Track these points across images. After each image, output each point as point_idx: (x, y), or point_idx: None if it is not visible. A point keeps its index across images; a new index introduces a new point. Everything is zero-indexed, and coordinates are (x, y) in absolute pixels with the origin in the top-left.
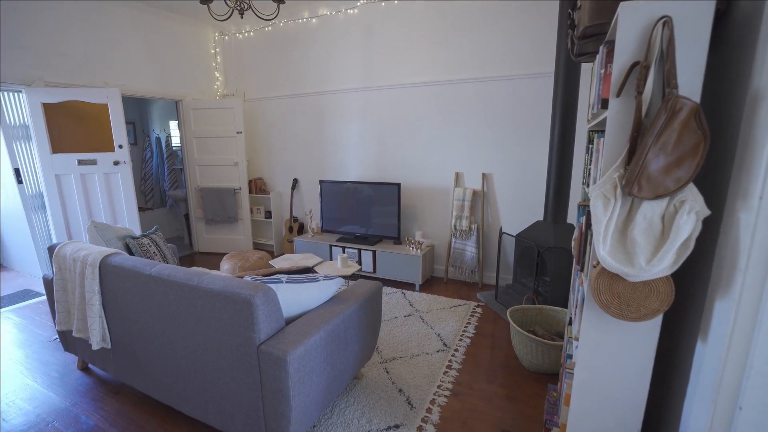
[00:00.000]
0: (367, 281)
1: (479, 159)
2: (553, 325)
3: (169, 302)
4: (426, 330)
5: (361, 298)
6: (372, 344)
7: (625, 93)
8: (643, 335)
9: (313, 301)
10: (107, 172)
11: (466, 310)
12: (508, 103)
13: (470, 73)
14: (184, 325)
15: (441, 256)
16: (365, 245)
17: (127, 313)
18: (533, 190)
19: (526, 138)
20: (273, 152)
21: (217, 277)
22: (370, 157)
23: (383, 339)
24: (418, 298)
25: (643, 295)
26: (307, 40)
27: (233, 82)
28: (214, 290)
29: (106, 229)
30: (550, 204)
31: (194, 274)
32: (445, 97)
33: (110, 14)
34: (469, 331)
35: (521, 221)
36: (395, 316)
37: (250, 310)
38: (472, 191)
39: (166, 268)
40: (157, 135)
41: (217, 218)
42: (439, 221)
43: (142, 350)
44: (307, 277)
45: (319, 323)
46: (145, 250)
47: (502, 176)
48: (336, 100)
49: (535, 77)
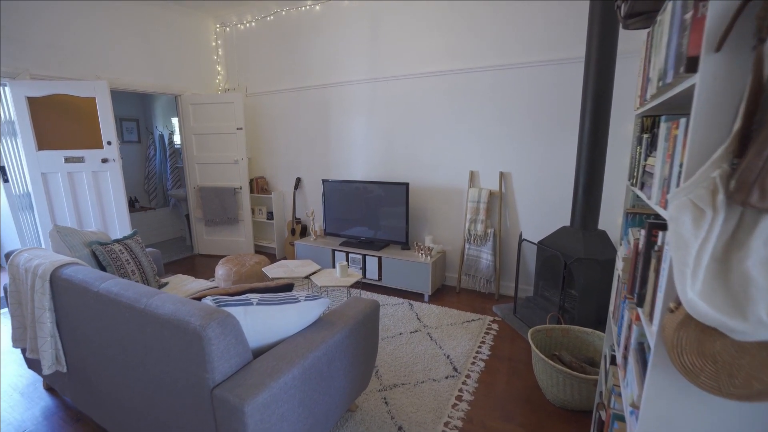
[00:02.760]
0: (361, 299)
1: (497, 156)
2: (583, 348)
3: (117, 325)
4: (434, 350)
5: (352, 322)
6: (367, 373)
7: (732, 44)
8: (751, 421)
9: (291, 326)
10: (96, 170)
11: (480, 327)
12: (530, 93)
13: (487, 61)
14: (135, 354)
15: (453, 263)
16: (370, 250)
17: (80, 333)
18: (558, 190)
19: (550, 132)
20: (275, 150)
21: (167, 300)
22: (377, 154)
23: (385, 360)
24: (426, 310)
25: (759, 364)
26: (311, 29)
27: (235, 76)
28: (161, 316)
29: (71, 233)
30: (578, 207)
31: (143, 294)
32: (459, 88)
33: (103, 3)
34: (484, 352)
35: (544, 226)
36: (400, 332)
37: (201, 345)
38: (488, 192)
39: (116, 284)
40: (160, 132)
41: (216, 219)
42: (452, 225)
43: (96, 377)
44: (285, 297)
45: (293, 358)
46: (115, 257)
47: (523, 175)
48: (341, 93)
49: (560, 63)
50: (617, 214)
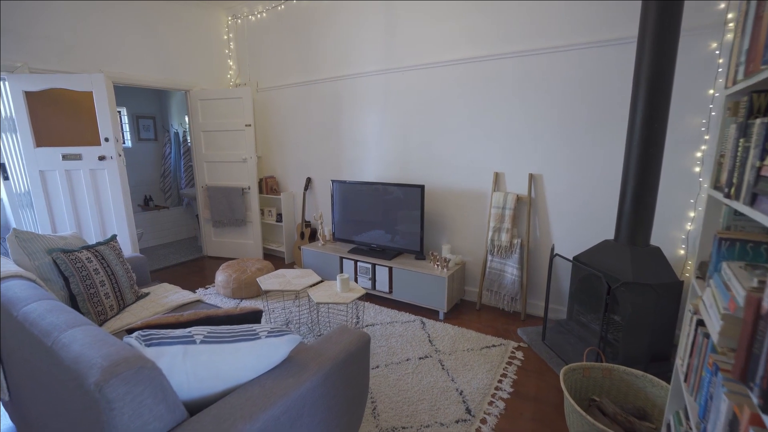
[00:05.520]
0: (347, 331)
1: (526, 156)
2: (630, 395)
3: (33, 359)
4: (445, 382)
5: (329, 366)
6: (353, 425)
7: None
8: None
9: (247, 370)
10: (93, 168)
11: (502, 354)
12: (567, 81)
13: (516, 46)
14: (47, 397)
15: (474, 276)
16: (381, 259)
17: (17, 358)
18: (600, 196)
19: (590, 126)
20: (286, 148)
21: (79, 337)
22: (391, 152)
23: (385, 392)
24: (440, 330)
25: None
26: (323, 17)
27: (246, 71)
28: (63, 361)
29: (31, 239)
30: (625, 217)
31: (56, 327)
32: (484, 78)
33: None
34: (504, 388)
35: (581, 239)
36: (407, 357)
37: (98, 410)
38: (515, 197)
39: (36, 309)
40: (175, 130)
41: (224, 220)
42: (473, 233)
43: (28, 410)
44: (242, 332)
45: (236, 420)
46: (81, 267)
47: (556, 178)
48: (353, 86)
49: (605, 46)
50: (673, 227)
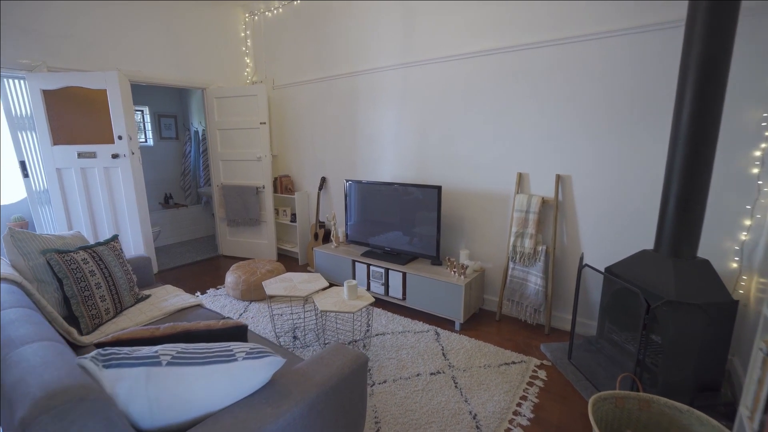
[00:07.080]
0: (343, 350)
1: (553, 155)
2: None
3: None
4: (457, 404)
5: (315, 393)
6: None
7: None
8: None
9: (220, 397)
10: (107, 165)
11: (523, 373)
12: (601, 73)
13: (544, 35)
14: None
15: (494, 284)
16: (395, 264)
17: None
18: (637, 201)
19: (626, 123)
20: (301, 146)
21: (25, 356)
22: (408, 151)
23: (391, 411)
24: (456, 343)
25: None
26: (339, 11)
27: (263, 68)
28: (4, 387)
29: (27, 239)
30: (668, 225)
31: (9, 343)
32: (508, 70)
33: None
34: (524, 413)
35: (614, 248)
36: (418, 372)
37: None
38: (540, 199)
39: (5, 317)
40: (195, 129)
41: (238, 219)
42: (493, 238)
43: None
44: (217, 353)
45: None
46: (76, 268)
47: (586, 179)
48: (371, 82)
49: (645, 31)
50: (725, 236)
